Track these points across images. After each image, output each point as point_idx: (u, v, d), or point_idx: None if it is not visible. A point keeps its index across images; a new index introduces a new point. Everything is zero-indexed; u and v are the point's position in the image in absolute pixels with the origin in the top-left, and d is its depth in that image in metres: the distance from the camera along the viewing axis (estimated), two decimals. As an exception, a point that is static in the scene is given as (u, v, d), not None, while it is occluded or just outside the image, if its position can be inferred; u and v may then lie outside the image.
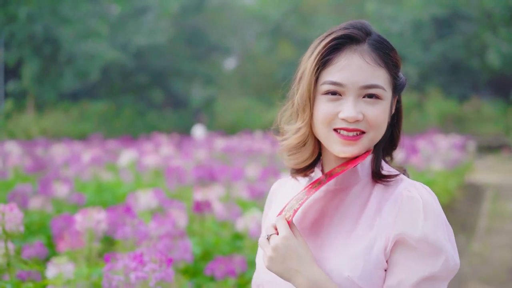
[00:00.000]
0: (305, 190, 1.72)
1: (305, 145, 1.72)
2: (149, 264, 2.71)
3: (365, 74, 1.63)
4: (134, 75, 31.63)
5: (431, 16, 32.43)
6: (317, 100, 1.66)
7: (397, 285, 1.60)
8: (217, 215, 4.97)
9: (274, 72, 40.15)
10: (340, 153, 1.65)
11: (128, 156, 9.11)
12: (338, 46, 1.66)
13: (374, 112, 1.63)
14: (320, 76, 1.66)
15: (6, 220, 3.02)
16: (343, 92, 1.63)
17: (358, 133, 1.64)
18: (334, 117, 1.63)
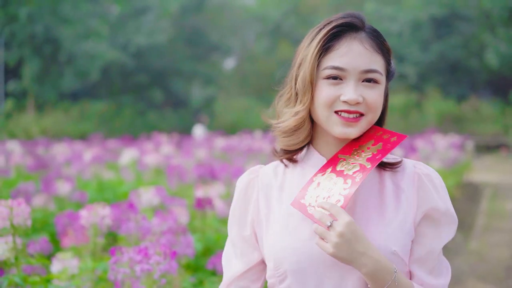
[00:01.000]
0: (340, 176, 1.75)
1: (301, 128, 1.79)
2: (154, 257, 2.80)
3: (364, 59, 1.73)
4: (134, 75, 31.65)
5: (430, 16, 32.47)
6: (318, 85, 1.75)
7: (427, 254, 1.78)
8: (218, 212, 5.05)
9: (274, 72, 40.08)
10: (341, 135, 1.74)
11: (129, 155, 9.19)
12: (339, 33, 1.76)
13: (373, 96, 1.74)
14: (321, 62, 1.75)
15: (14, 215, 3.11)
16: (344, 77, 1.72)
17: (358, 115, 1.74)
18: (335, 99, 1.72)
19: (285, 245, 1.76)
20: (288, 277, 1.75)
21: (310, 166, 1.85)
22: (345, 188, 1.70)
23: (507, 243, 9.20)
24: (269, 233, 1.81)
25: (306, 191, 1.76)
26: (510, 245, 9.10)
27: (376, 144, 1.76)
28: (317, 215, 1.67)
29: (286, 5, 40.77)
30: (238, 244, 1.88)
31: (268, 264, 1.80)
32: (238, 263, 1.88)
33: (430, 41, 32.96)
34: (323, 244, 1.65)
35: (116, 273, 2.78)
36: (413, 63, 32.43)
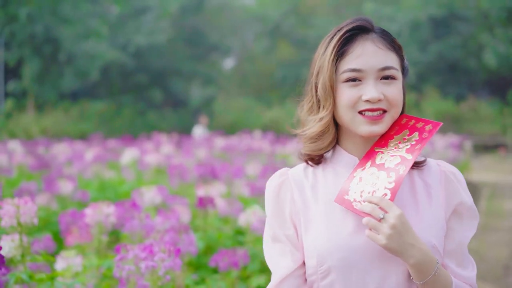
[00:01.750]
0: (381, 170, 1.79)
1: (327, 133, 1.86)
2: (159, 254, 2.86)
3: (379, 57, 1.81)
4: (134, 75, 31.66)
5: (429, 16, 32.52)
6: (339, 89, 1.82)
7: (456, 248, 1.88)
8: (219, 210, 5.10)
9: (273, 72, 40.21)
10: (367, 133, 1.80)
11: (130, 155, 9.24)
12: (351, 37, 1.83)
13: (392, 91, 1.81)
14: (338, 67, 1.82)
15: (21, 213, 3.16)
16: (362, 77, 1.79)
17: (381, 112, 1.81)
18: (357, 100, 1.79)
19: (328, 242, 1.79)
20: (331, 273, 1.78)
21: (342, 166, 1.90)
22: (390, 182, 1.75)
23: (505, 242, 9.26)
24: (309, 232, 1.84)
25: (349, 187, 1.80)
26: (508, 244, 9.15)
27: (412, 134, 1.81)
28: (367, 209, 1.71)
29: (286, 5, 40.77)
30: (286, 242, 1.88)
31: (310, 262, 1.82)
32: (287, 261, 1.87)
33: (429, 41, 33.01)
34: (375, 236, 1.70)
35: (121, 270, 2.83)
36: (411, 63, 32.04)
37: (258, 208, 4.77)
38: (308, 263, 1.83)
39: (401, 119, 1.84)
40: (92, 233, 3.75)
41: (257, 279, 4.28)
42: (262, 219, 4.62)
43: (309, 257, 1.82)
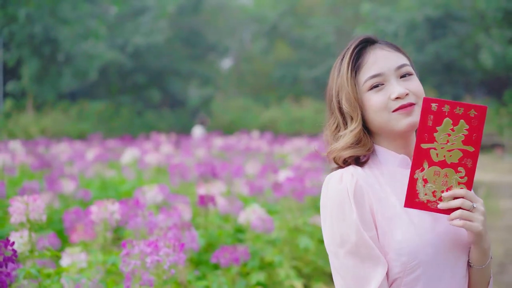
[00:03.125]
0: (446, 167, 1.81)
1: (361, 142, 1.94)
2: (163, 249, 2.97)
3: (392, 59, 1.95)
4: (132, 75, 31.70)
5: (425, 17, 32.57)
6: (365, 99, 1.92)
7: None
8: (220, 209, 5.20)
9: (271, 72, 40.28)
10: (407, 126, 1.89)
11: (130, 154, 9.34)
12: (360, 51, 1.96)
13: (414, 85, 1.95)
14: (358, 80, 1.93)
15: (30, 210, 3.28)
16: (384, 80, 1.91)
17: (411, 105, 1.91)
18: (388, 101, 1.89)
19: (419, 238, 1.85)
20: (418, 268, 1.84)
21: (394, 165, 1.97)
22: (462, 177, 1.80)
23: (501, 240, 9.35)
24: (395, 230, 1.86)
25: (416, 190, 1.80)
26: (503, 242, 9.24)
27: (457, 123, 1.76)
28: (457, 203, 1.79)
29: (283, 5, 40.81)
30: (372, 246, 1.84)
31: (400, 259, 1.84)
32: (380, 268, 1.85)
33: (425, 42, 33.07)
34: (471, 225, 1.78)
35: (127, 265, 2.93)
36: (408, 64, 32.55)
37: (257, 207, 4.86)
38: (398, 260, 1.84)
39: (428, 105, 1.77)
40: (97, 230, 3.85)
41: (256, 276, 4.38)
42: (261, 217, 4.72)
43: (400, 254, 1.84)
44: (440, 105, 1.76)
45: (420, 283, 1.85)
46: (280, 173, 6.91)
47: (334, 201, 1.88)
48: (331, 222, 1.89)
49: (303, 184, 5.72)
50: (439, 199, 1.81)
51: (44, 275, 3.33)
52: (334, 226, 1.88)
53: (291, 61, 39.93)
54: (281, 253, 5.05)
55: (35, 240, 3.44)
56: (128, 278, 2.95)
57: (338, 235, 1.87)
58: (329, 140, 2.01)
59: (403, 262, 1.84)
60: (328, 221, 1.90)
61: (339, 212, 1.87)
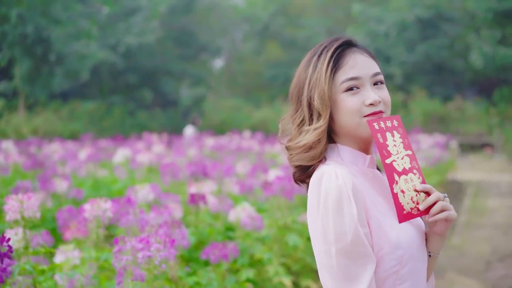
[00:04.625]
0: (409, 173, 1.95)
1: (321, 142, 1.99)
2: (155, 245, 3.06)
3: (369, 65, 2.00)
4: (124, 75, 31.69)
5: (416, 17, 32.71)
6: (339, 99, 1.97)
7: None
8: (210, 207, 5.27)
9: (262, 72, 40.34)
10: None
11: (122, 154, 9.42)
12: (341, 51, 2.01)
13: (385, 94, 2.01)
14: (335, 79, 1.97)
15: (24, 208, 3.37)
16: (360, 84, 1.97)
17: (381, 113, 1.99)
18: (361, 106, 1.95)
19: (408, 233, 1.94)
20: (410, 261, 1.92)
21: (365, 166, 2.04)
22: (418, 177, 1.95)
23: (488, 239, 9.45)
24: (387, 226, 1.91)
25: (400, 203, 1.90)
26: (490, 240, 9.34)
27: (393, 134, 1.95)
28: (434, 198, 1.92)
29: (274, 5, 40.86)
30: (366, 244, 1.87)
31: (395, 252, 1.89)
32: (369, 265, 1.88)
33: (416, 42, 33.21)
34: (450, 213, 1.91)
35: (119, 260, 3.02)
36: (399, 64, 32.68)
37: (247, 205, 4.94)
38: (394, 254, 1.89)
39: (372, 126, 1.91)
40: (90, 227, 3.93)
41: (246, 272, 4.45)
42: (251, 215, 4.80)
43: (396, 248, 1.89)
44: (378, 123, 1.91)
45: (412, 276, 1.93)
46: (270, 172, 6.99)
47: (332, 198, 1.87)
48: (325, 219, 1.87)
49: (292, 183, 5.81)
50: (417, 203, 1.92)
51: (38, 271, 3.40)
52: (329, 223, 1.86)
53: (282, 61, 39.99)
54: (270, 251, 5.12)
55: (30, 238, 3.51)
56: (120, 273, 3.02)
57: (332, 232, 1.85)
58: (294, 133, 2.05)
59: (399, 255, 1.89)
60: (321, 218, 1.88)
61: (337, 208, 1.86)
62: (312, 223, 1.93)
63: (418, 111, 29.80)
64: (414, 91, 31.77)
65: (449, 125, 29.52)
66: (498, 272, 7.51)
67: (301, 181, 2.10)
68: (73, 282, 3.47)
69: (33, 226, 5.72)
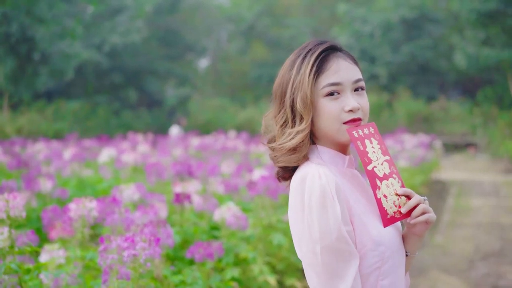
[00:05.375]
0: (389, 178, 2.01)
1: (304, 145, 2.02)
2: (140, 243, 3.08)
3: (352, 71, 2.02)
4: (109, 75, 31.59)
5: (401, 18, 32.88)
6: (320, 103, 1.99)
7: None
8: (195, 206, 5.29)
9: (248, 72, 40.38)
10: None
11: (108, 154, 9.41)
12: (325, 56, 2.03)
13: (364, 101, 2.03)
14: (317, 83, 1.99)
15: (10, 207, 3.38)
16: (340, 90, 1.99)
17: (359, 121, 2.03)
18: (340, 112, 1.98)
19: (390, 232, 1.99)
20: (391, 258, 1.97)
21: (345, 166, 2.08)
22: (398, 181, 2.01)
23: (471, 238, 9.53)
24: (370, 224, 1.97)
25: (384, 207, 1.96)
26: (473, 239, 9.42)
27: (371, 141, 2.00)
28: (415, 201, 1.99)
29: (260, 5, 40.92)
30: (349, 242, 1.91)
31: (378, 249, 1.95)
32: (353, 262, 1.92)
33: (401, 42, 33.37)
34: (431, 215, 1.98)
35: (105, 259, 3.04)
36: (384, 64, 32.83)
37: (232, 204, 4.96)
38: (376, 250, 1.95)
39: (352, 134, 1.96)
40: (75, 227, 3.94)
41: (231, 271, 4.48)
42: (236, 215, 4.83)
43: (379, 244, 1.95)
44: (357, 131, 1.97)
45: (393, 272, 1.98)
46: (255, 172, 7.01)
47: (316, 197, 1.90)
48: (309, 218, 1.90)
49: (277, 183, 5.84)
50: (399, 207, 1.99)
51: (24, 270, 3.41)
52: (314, 222, 1.89)
53: (267, 61, 40.05)
54: (255, 250, 5.15)
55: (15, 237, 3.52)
56: (105, 272, 3.04)
57: (316, 231, 1.88)
58: (277, 133, 2.07)
59: (381, 251, 1.95)
60: (306, 217, 1.91)
61: (321, 207, 1.89)
62: (296, 222, 1.96)
63: (403, 111, 29.96)
64: (398, 91, 31.93)
65: (433, 125, 29.72)
66: (480, 271, 7.58)
67: (285, 180, 2.14)
68: (58, 281, 3.48)
69: (18, 225, 5.73)
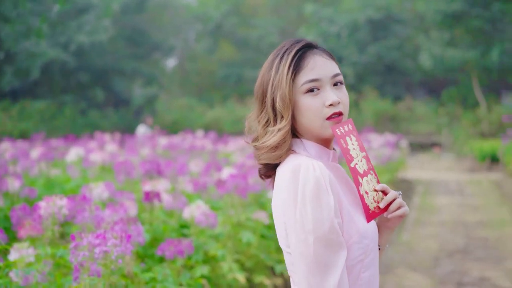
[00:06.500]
0: (368, 175, 2.08)
1: (286, 142, 2.06)
2: (111, 240, 3.10)
3: (329, 66, 2.06)
4: (75, 74, 31.30)
5: (367, 18, 33.15)
6: (300, 100, 2.03)
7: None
8: (165, 204, 5.30)
9: (215, 71, 40.39)
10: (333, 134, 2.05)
11: (76, 153, 9.37)
12: (302, 54, 2.07)
13: (344, 95, 2.07)
14: (296, 81, 2.03)
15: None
16: (319, 86, 2.03)
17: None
18: (322, 107, 2.02)
19: (372, 225, 2.05)
20: (373, 251, 2.04)
21: (329, 160, 2.12)
22: (374, 177, 2.08)
23: (435, 235, 9.68)
24: (357, 216, 2.02)
25: (366, 203, 2.03)
26: (438, 237, 9.57)
27: (351, 138, 2.05)
28: (392, 195, 2.07)
29: (227, 5, 40.93)
30: (340, 233, 1.95)
31: (362, 241, 2.01)
32: (342, 253, 1.95)
33: (367, 43, 33.66)
34: (407, 209, 2.07)
35: (76, 256, 3.06)
36: (351, 64, 33.08)
37: (201, 203, 4.99)
38: (361, 243, 2.01)
39: (335, 131, 2.00)
40: (45, 224, 3.93)
41: (200, 269, 4.50)
42: (205, 213, 4.86)
43: (364, 237, 2.01)
44: (340, 129, 2.01)
45: (373, 265, 2.05)
46: (223, 170, 7.05)
47: (310, 188, 1.93)
48: (303, 209, 1.92)
49: (246, 181, 5.88)
50: (377, 202, 2.06)
51: (-8, 268, 3.42)
52: (308, 213, 1.92)
53: (235, 60, 40.11)
54: (224, 247, 5.18)
55: (-16, 234, 3.52)
56: (76, 269, 3.05)
57: (310, 222, 1.91)
58: (260, 132, 2.12)
59: (365, 244, 2.01)
60: (299, 208, 1.93)
61: (316, 199, 1.92)
62: (285, 213, 2.00)
63: (370, 110, 30.21)
64: (365, 91, 32.19)
65: (399, 124, 30.03)
66: (445, 268, 7.70)
67: (267, 177, 2.19)
68: (28, 279, 3.47)
69: (-14, 225, 5.69)
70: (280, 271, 5.63)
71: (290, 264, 2.06)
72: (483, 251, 8.60)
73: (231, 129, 29.56)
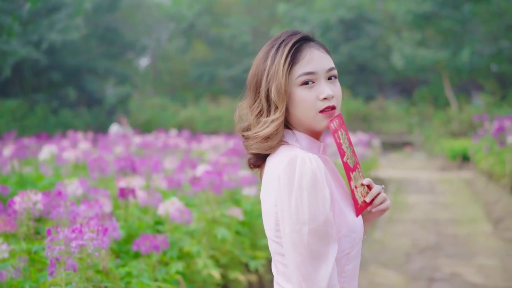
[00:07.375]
0: (357, 170, 2.12)
1: (278, 133, 2.07)
2: (88, 234, 3.12)
3: (325, 60, 2.08)
4: (47, 73, 31.00)
5: (339, 18, 33.34)
6: (295, 92, 2.05)
7: None
8: (139, 201, 5.30)
9: (188, 71, 40.35)
10: (326, 127, 2.06)
11: (48, 150, 9.31)
12: (299, 46, 2.09)
13: (337, 90, 2.10)
14: (292, 73, 2.05)
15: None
16: (315, 79, 2.05)
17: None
18: (316, 100, 2.04)
19: (359, 218, 2.09)
20: (359, 243, 2.08)
21: (320, 152, 2.15)
22: (360, 172, 2.13)
23: (407, 233, 9.80)
24: (347, 209, 2.07)
25: (356, 197, 2.07)
26: (410, 234, 9.69)
27: (342, 133, 2.08)
28: (377, 189, 2.12)
29: (200, 4, 40.90)
30: (333, 226, 1.97)
31: (351, 235, 2.05)
32: (334, 245, 1.97)
33: (339, 43, 33.84)
34: (388, 203, 2.14)
35: (52, 250, 3.06)
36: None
37: (176, 199, 5.01)
38: (349, 236, 2.05)
39: (330, 126, 2.03)
40: (20, 220, 3.92)
41: (175, 265, 4.52)
42: (180, 209, 4.88)
43: (352, 231, 2.05)
44: (333, 123, 2.04)
45: (356, 258, 2.09)
46: (198, 167, 7.05)
47: (307, 179, 1.93)
48: (299, 200, 1.93)
49: (221, 178, 5.91)
50: (363, 196, 2.11)
51: (-33, 264, 3.41)
52: (304, 203, 1.92)
53: (208, 60, 40.10)
54: (199, 244, 5.20)
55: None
56: (52, 264, 3.07)
57: (306, 213, 1.92)
58: (252, 122, 2.13)
59: (353, 238, 2.04)
60: (294, 199, 1.94)
61: (312, 190, 1.93)
62: (278, 202, 2.00)
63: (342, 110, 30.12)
64: (338, 90, 32.35)
65: (371, 124, 30.26)
66: (417, 264, 7.81)
67: (256, 167, 2.21)
68: (3, 275, 3.47)
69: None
70: (254, 267, 5.67)
71: (276, 254, 2.08)
72: (454, 247, 8.73)
73: (204, 128, 29.57)
